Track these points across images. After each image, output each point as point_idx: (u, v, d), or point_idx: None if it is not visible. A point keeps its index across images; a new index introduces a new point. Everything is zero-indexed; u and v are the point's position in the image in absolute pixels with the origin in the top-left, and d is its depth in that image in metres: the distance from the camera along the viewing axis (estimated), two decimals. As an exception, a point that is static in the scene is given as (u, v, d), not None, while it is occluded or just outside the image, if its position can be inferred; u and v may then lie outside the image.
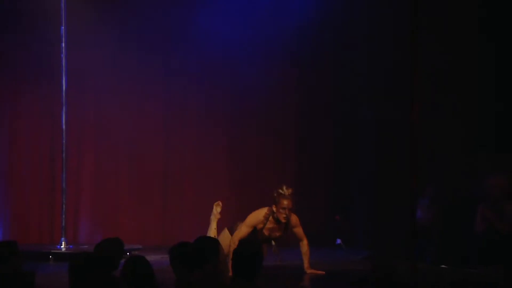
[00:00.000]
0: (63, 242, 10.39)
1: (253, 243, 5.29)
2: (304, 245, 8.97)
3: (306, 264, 8.97)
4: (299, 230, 8.97)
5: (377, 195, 11.54)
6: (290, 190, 8.79)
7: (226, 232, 9.06)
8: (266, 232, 8.87)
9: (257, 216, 8.85)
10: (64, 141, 10.55)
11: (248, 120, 12.46)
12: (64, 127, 10.56)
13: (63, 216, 10.53)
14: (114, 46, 11.82)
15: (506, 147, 10.29)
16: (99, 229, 11.65)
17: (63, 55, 10.53)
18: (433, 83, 10.65)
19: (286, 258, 9.53)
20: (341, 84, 12.40)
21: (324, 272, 8.97)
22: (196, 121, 12.19)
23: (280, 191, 8.80)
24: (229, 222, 9.44)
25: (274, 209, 8.80)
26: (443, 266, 9.58)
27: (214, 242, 5.71)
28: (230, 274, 5.33)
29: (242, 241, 5.32)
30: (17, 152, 11.55)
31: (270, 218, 8.83)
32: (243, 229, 8.75)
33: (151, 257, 9.96)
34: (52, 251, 10.20)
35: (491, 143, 10.42)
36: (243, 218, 8.96)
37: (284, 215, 8.76)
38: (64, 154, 10.56)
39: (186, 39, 12.06)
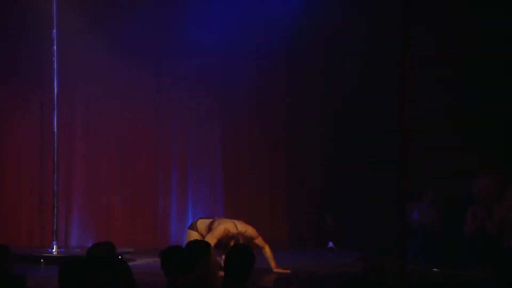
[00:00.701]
0: (54, 246, 10.35)
1: (245, 246, 5.30)
2: (267, 251, 9.41)
3: (272, 264, 9.36)
4: (259, 241, 9.41)
5: (369, 197, 11.53)
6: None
7: (191, 232, 9.48)
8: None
9: (226, 232, 9.25)
10: (55, 144, 10.52)
11: (240, 123, 12.48)
12: (55, 130, 10.53)
13: (55, 219, 10.49)
14: (106, 49, 11.79)
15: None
16: (90, 232, 11.64)
17: (54, 58, 10.49)
18: (427, 83, 10.66)
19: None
20: (332, 85, 12.41)
21: (289, 271, 9.35)
22: (188, 125, 12.18)
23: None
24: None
25: (232, 241, 9.13)
26: (434, 269, 9.58)
27: (205, 245, 5.73)
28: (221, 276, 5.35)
29: (235, 245, 5.33)
30: (8, 155, 11.52)
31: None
32: (212, 240, 9.06)
33: (142, 260, 10.02)
34: (43, 254, 10.16)
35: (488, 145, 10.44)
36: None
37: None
38: (55, 157, 10.52)
39: (178, 42, 12.07)
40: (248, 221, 12.22)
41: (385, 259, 9.62)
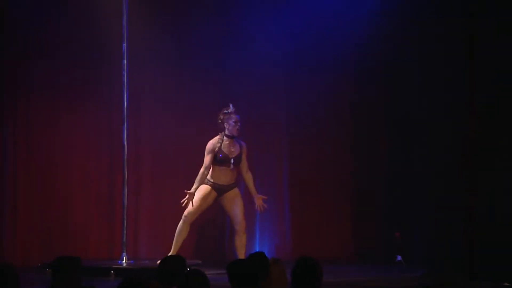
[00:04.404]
0: (124, 257, 10.47)
1: (313, 261, 5.31)
2: (249, 176, 10.55)
3: (252, 190, 10.56)
4: (244, 160, 10.47)
5: (438, 211, 11.42)
6: (234, 108, 10.30)
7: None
8: (225, 151, 10.28)
9: (212, 142, 10.36)
10: (125, 157, 10.64)
11: (305, 137, 12.49)
12: (125, 143, 10.65)
13: (124, 231, 10.60)
14: (174, 62, 11.95)
15: None
16: (158, 244, 11.73)
17: (124, 72, 10.62)
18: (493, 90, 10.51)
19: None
20: (397, 100, 12.37)
21: (266, 197, 10.50)
22: (254, 138, 12.18)
23: (226, 110, 10.28)
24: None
25: (227, 127, 10.28)
26: (506, 284, 9.45)
27: (265, 258, 5.82)
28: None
29: (302, 259, 5.34)
30: (78, 168, 11.67)
31: (224, 138, 10.30)
32: (206, 158, 10.31)
33: (210, 272, 10.06)
34: (113, 266, 10.27)
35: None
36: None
37: (237, 128, 10.30)
38: (125, 170, 10.64)
39: (245, 53, 12.12)
40: (315, 236, 12.32)
41: (453, 274, 9.55)
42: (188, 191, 10.27)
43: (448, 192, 11.04)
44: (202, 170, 10.32)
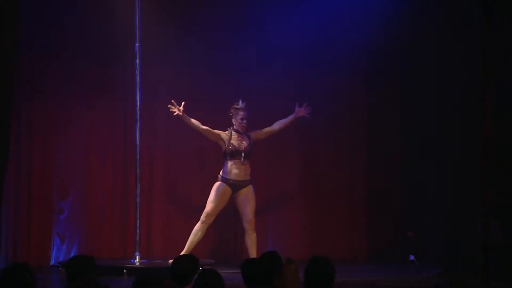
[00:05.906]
0: (137, 257, 10.48)
1: (326, 261, 5.30)
2: (277, 123, 10.81)
3: (290, 118, 10.84)
4: (263, 130, 10.75)
5: (452, 211, 11.39)
6: (244, 103, 10.47)
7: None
8: (235, 143, 10.46)
9: (218, 133, 10.57)
10: (138, 157, 10.65)
11: (318, 136, 12.48)
12: (138, 142, 10.66)
13: (137, 230, 10.61)
14: (187, 61, 11.98)
15: None
16: (171, 243, 11.73)
17: (137, 71, 10.65)
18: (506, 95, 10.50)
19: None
20: (410, 99, 12.36)
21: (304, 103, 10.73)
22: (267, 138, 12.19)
23: (236, 106, 10.48)
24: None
25: (234, 123, 10.49)
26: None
27: (278, 257, 5.82)
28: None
29: (315, 259, 5.33)
30: (91, 167, 11.69)
31: (233, 132, 10.49)
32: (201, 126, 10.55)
33: (222, 272, 10.06)
34: (126, 265, 10.28)
35: None
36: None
37: (243, 125, 10.49)
38: (137, 169, 10.65)
39: (259, 54, 12.16)
40: (328, 236, 12.30)
41: (468, 275, 9.51)
42: (178, 106, 10.49)
43: (462, 191, 11.01)
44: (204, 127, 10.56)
